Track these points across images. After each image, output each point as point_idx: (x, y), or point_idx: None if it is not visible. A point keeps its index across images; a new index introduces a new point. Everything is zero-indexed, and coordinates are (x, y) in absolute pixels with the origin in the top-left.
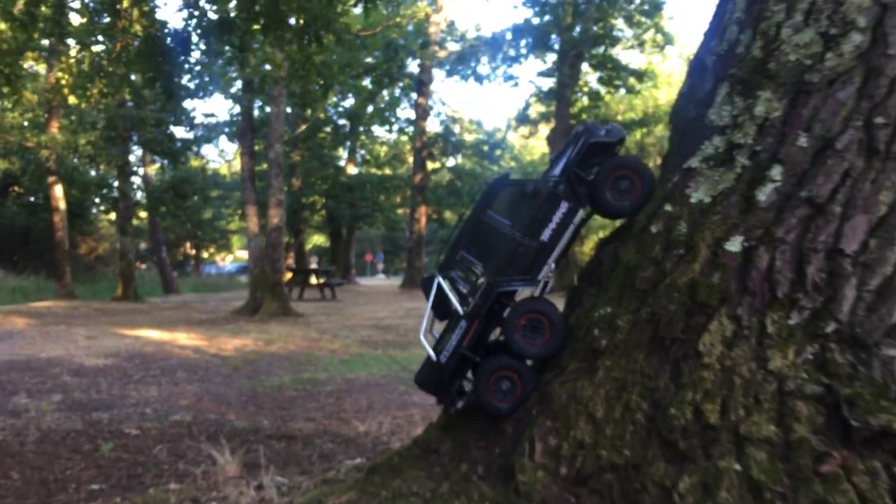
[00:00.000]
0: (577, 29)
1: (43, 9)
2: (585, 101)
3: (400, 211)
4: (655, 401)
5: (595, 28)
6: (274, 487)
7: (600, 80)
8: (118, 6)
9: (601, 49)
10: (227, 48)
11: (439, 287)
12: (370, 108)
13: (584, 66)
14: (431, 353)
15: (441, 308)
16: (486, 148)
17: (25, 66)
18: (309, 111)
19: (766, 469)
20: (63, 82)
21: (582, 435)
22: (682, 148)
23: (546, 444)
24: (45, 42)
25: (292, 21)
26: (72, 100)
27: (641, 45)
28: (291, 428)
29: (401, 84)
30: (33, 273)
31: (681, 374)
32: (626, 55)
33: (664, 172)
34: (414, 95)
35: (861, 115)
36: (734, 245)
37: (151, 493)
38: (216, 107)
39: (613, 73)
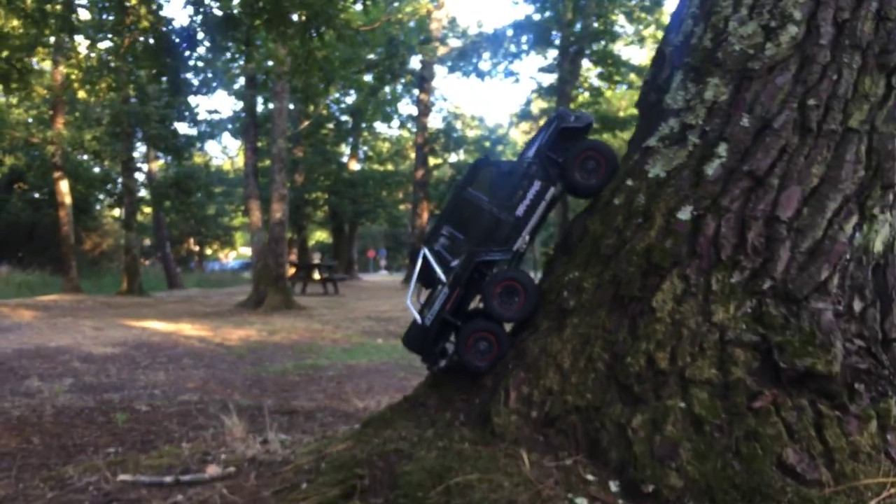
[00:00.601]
0: (578, 25)
1: (55, 7)
2: (586, 96)
3: (402, 207)
4: (614, 352)
5: (595, 24)
6: (278, 442)
7: (601, 76)
8: (126, 3)
9: (602, 45)
10: (231, 44)
11: (424, 258)
12: (372, 105)
13: (585, 62)
14: (417, 316)
15: (427, 277)
16: (487, 144)
17: (22, 64)
18: (311, 107)
19: (707, 406)
20: (73, 77)
21: (551, 383)
22: (642, 130)
23: (519, 392)
24: (51, 39)
25: (294, 17)
26: (81, 94)
27: (642, 40)
28: (294, 405)
29: (402, 80)
30: (38, 268)
31: (637, 328)
32: (626, 51)
33: (629, 152)
34: (416, 92)
35: (796, 97)
36: (685, 214)
37: (165, 449)
38: (219, 103)
39: (614, 68)
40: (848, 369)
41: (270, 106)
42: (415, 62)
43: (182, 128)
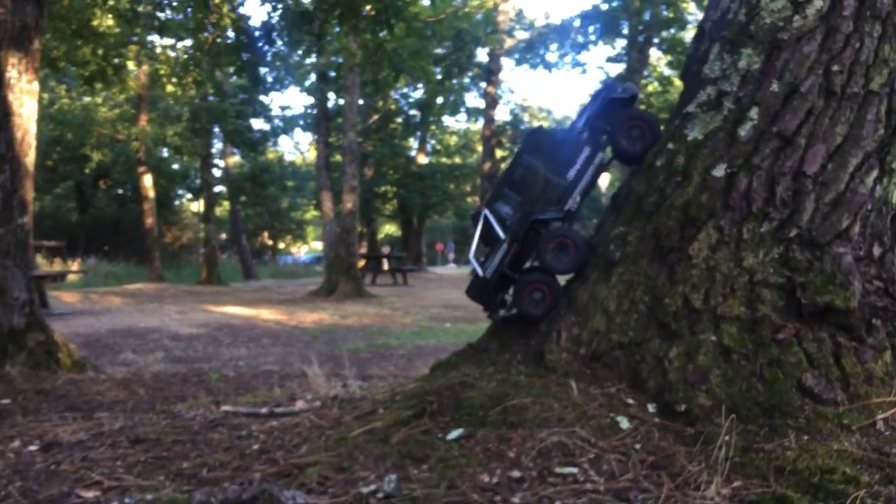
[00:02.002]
0: (647, 13)
1: (145, 7)
2: (656, 85)
3: (470, 199)
4: (654, 295)
5: (665, 11)
6: (356, 386)
7: (670, 65)
8: (210, 2)
9: (671, 33)
10: (305, 38)
11: (486, 218)
12: (440, 99)
13: (654, 51)
14: (479, 269)
15: (487, 237)
16: None
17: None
18: (381, 102)
19: (736, 338)
20: (162, 72)
21: (597, 325)
22: (684, 98)
23: (570, 332)
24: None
25: (365, 10)
26: (169, 89)
27: None
28: (370, 374)
29: (470, 74)
30: (123, 260)
31: (675, 274)
32: None
33: (671, 118)
34: (483, 84)
35: (822, 64)
36: (719, 171)
37: (259, 392)
38: (292, 100)
39: (684, 56)
40: (866, 307)
41: (341, 101)
42: (482, 55)
43: (257, 123)
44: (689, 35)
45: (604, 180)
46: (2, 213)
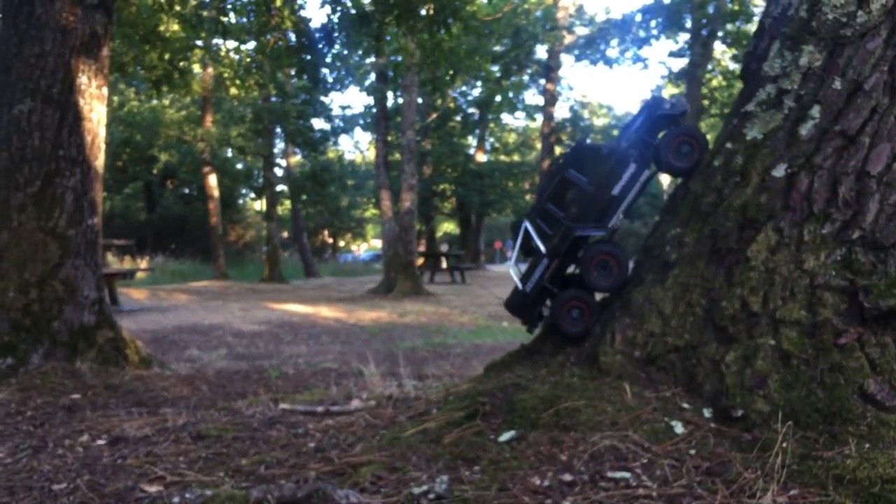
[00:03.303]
0: (711, 6)
1: (209, 11)
2: (720, 79)
3: (529, 197)
4: (711, 298)
5: (730, 3)
6: (411, 385)
7: (735, 58)
8: (272, 5)
9: (736, 25)
10: (363, 40)
11: (526, 230)
12: (498, 97)
13: (718, 45)
14: (518, 283)
15: (527, 247)
16: (616, 132)
17: (183, 64)
18: (439, 101)
19: (796, 343)
20: (226, 75)
21: (653, 327)
22: (743, 97)
23: (624, 335)
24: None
25: (423, 11)
26: (233, 91)
27: None
28: (425, 373)
29: (529, 71)
30: (189, 258)
31: (733, 276)
32: None
33: (729, 117)
34: (542, 81)
35: (886, 61)
36: (779, 171)
37: (316, 391)
38: (351, 99)
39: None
40: None
41: (400, 100)
42: (541, 52)
43: (318, 123)
44: (754, 28)
45: (665, 176)
46: (73, 215)
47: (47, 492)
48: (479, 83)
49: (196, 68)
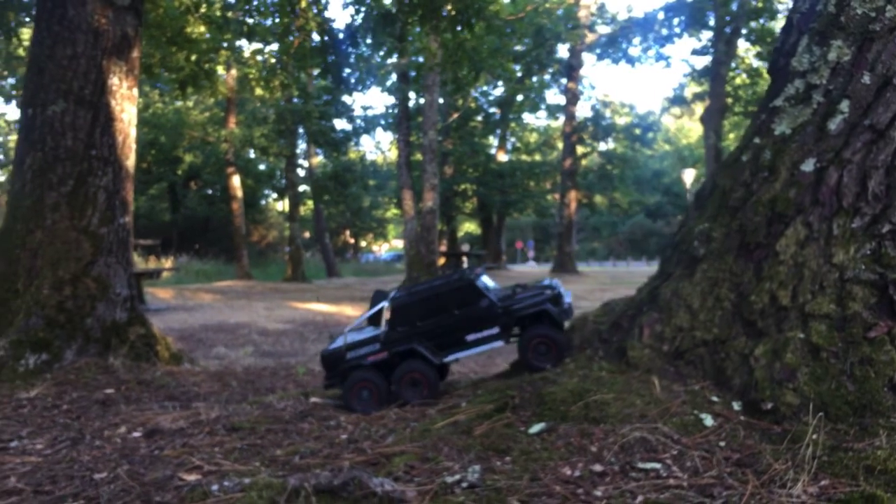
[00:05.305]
0: (735, 3)
1: (235, 13)
2: (743, 77)
3: (550, 197)
4: (740, 292)
5: (753, 1)
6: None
7: (759, 56)
8: (297, 6)
9: (760, 22)
10: (387, 40)
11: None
12: (520, 97)
13: (742, 42)
14: None
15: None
16: (637, 131)
17: (209, 65)
18: (461, 101)
19: (825, 336)
20: (251, 76)
21: (681, 321)
22: (770, 92)
23: (652, 329)
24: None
25: (446, 11)
26: (258, 91)
27: None
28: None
29: (550, 70)
30: (213, 258)
31: (761, 271)
32: None
33: (757, 113)
34: (564, 81)
35: None
36: (808, 166)
37: None
38: (373, 100)
39: (773, 47)
40: None
41: (422, 100)
42: (563, 51)
43: (340, 124)
44: (779, 25)
45: (688, 176)
46: (105, 214)
47: (88, 480)
48: (500, 83)
49: (221, 70)
